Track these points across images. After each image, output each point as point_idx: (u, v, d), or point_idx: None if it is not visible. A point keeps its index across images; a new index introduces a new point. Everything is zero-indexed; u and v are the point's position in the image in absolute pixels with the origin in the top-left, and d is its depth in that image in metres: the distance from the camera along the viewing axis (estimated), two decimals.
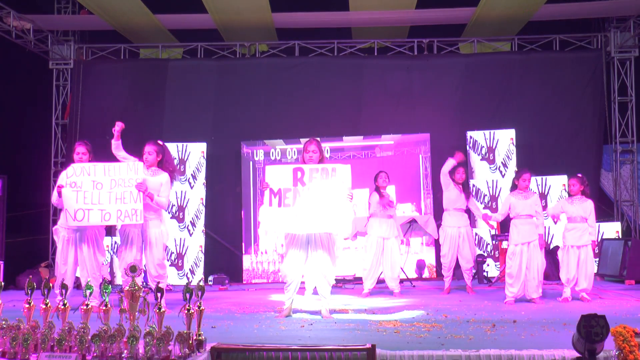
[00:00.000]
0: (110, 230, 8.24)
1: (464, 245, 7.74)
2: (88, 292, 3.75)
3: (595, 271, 7.99)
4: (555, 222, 7.82)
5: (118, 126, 6.29)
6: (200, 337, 3.80)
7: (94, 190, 5.90)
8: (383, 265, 7.58)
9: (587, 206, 6.95)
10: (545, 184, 9.33)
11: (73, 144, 7.19)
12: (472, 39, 10.41)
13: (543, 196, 9.28)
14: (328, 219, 5.54)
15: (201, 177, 9.51)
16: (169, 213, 9.10)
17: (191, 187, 9.47)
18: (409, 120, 9.93)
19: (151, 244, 6.12)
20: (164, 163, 6.29)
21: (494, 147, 9.52)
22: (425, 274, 9.22)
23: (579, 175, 7.06)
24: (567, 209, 7.00)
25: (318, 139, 5.97)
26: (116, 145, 6.32)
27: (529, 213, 6.79)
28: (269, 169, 5.83)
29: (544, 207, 9.14)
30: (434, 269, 9.25)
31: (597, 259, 8.69)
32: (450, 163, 7.65)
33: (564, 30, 10.22)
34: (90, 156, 6.27)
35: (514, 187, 6.98)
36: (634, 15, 9.64)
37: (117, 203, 5.89)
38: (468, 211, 7.92)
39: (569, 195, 7.10)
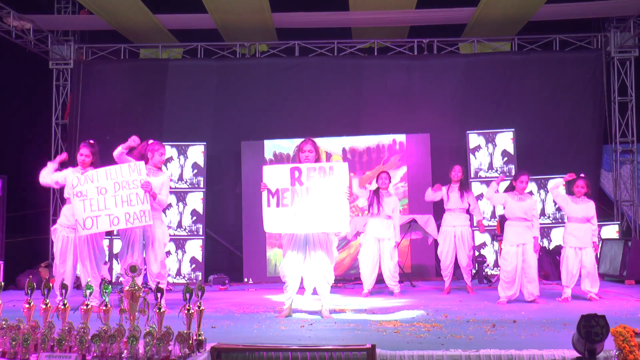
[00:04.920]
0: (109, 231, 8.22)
1: (462, 245, 7.74)
2: (88, 292, 3.75)
3: None
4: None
5: (134, 142, 6.01)
6: (200, 337, 3.80)
7: (99, 196, 5.87)
8: (381, 265, 7.58)
9: (591, 207, 6.96)
10: (546, 185, 9.33)
11: (73, 144, 7.21)
12: (472, 39, 10.41)
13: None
14: (327, 218, 5.54)
15: (201, 177, 9.51)
16: (168, 210, 9.11)
17: (191, 187, 9.47)
18: (409, 120, 9.94)
19: (152, 244, 6.12)
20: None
21: (493, 147, 9.52)
22: None
23: (582, 175, 7.05)
24: (572, 208, 6.98)
25: (313, 139, 5.94)
26: (120, 154, 6.02)
27: (522, 216, 6.77)
28: (266, 169, 5.79)
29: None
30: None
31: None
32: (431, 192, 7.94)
33: (564, 30, 10.23)
34: (94, 158, 6.21)
35: (511, 188, 6.97)
36: (634, 15, 9.64)
37: (124, 206, 5.84)
38: (468, 211, 7.92)
39: (574, 195, 7.07)
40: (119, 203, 5.86)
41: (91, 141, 6.38)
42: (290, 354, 3.65)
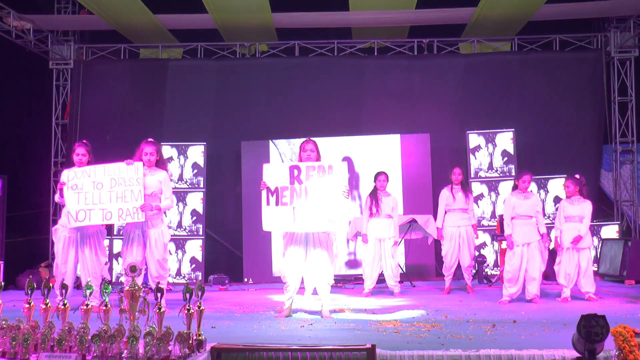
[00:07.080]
0: (109, 231, 8.23)
1: (464, 244, 7.74)
2: (88, 292, 3.75)
3: (595, 269, 8.00)
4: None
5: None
6: (200, 337, 3.80)
7: (95, 191, 5.95)
8: (382, 265, 7.59)
9: (586, 207, 6.96)
10: (546, 184, 9.34)
11: (73, 144, 7.17)
12: (472, 39, 10.41)
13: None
14: (326, 217, 5.54)
15: (201, 177, 9.51)
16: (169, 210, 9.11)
17: (191, 187, 9.47)
18: (409, 120, 9.94)
19: (152, 244, 6.12)
20: (159, 162, 6.30)
21: (493, 147, 9.52)
22: None
23: (576, 176, 7.06)
24: (567, 209, 6.99)
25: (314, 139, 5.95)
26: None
27: (528, 214, 6.80)
28: (266, 167, 5.80)
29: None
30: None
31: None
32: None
33: (564, 30, 10.23)
34: (90, 157, 6.25)
35: (514, 188, 7.00)
36: (634, 15, 9.64)
37: (118, 202, 5.93)
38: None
39: (566, 196, 7.09)
40: (113, 199, 5.95)
41: (84, 141, 6.43)
42: (290, 354, 3.65)
